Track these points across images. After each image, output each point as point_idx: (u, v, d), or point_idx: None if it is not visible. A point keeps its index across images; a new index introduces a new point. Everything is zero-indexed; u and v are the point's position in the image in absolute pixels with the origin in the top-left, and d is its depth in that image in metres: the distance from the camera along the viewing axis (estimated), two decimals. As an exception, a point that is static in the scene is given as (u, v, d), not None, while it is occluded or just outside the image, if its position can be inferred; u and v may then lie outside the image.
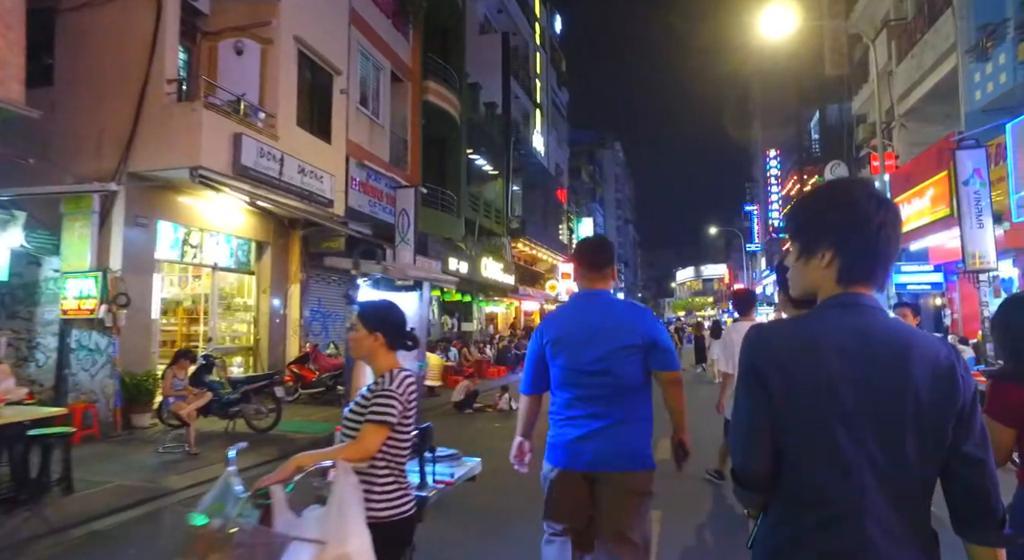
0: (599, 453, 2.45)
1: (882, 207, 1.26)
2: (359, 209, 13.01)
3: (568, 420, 2.53)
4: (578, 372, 2.50)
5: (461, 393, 11.18)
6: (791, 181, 35.45)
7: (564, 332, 2.57)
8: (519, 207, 26.11)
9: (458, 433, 9.68)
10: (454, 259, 17.18)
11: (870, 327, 1.22)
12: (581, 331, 2.52)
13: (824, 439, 1.19)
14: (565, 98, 39.35)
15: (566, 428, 2.53)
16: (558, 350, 2.54)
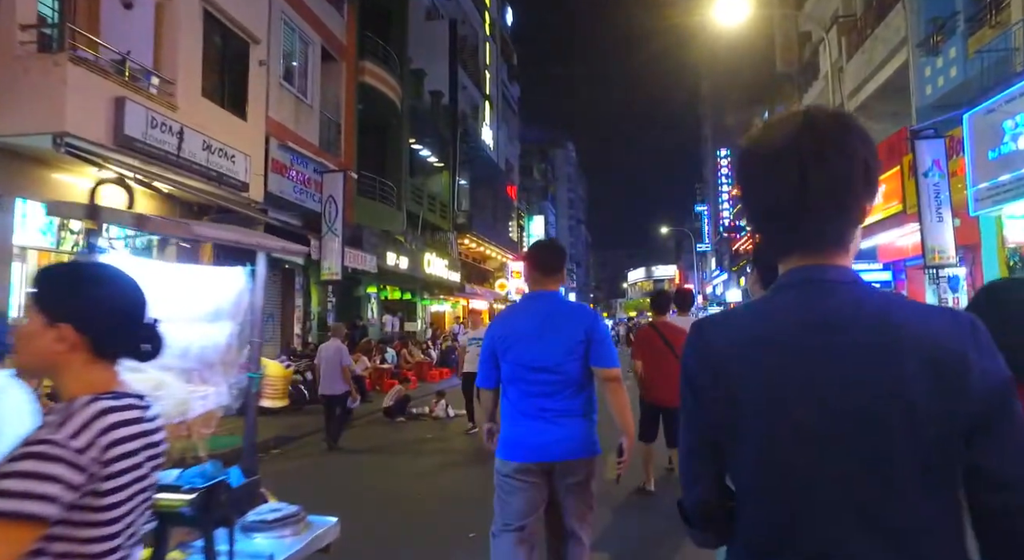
0: (554, 444, 2.53)
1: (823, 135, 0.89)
2: (282, 195, 11.75)
3: (520, 414, 2.61)
4: (526, 368, 2.59)
5: (391, 399, 10.11)
6: (740, 181, 35.71)
7: (513, 330, 2.68)
8: (466, 202, 25.09)
9: (379, 445, 8.64)
10: (392, 253, 16.04)
11: (836, 311, 0.88)
12: (529, 329, 2.62)
13: (780, 467, 0.89)
14: (516, 93, 38.53)
15: (519, 423, 2.61)
16: (507, 347, 2.64)
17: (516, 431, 2.62)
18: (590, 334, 2.58)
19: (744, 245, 36.54)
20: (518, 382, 2.62)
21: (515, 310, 2.97)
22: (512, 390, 2.65)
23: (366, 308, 17.18)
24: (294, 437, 8.57)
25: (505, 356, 2.64)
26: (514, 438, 2.62)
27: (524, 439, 2.59)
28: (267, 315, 13.50)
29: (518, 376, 2.62)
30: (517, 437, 2.61)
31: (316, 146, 13.09)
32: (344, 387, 7.89)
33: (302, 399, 10.45)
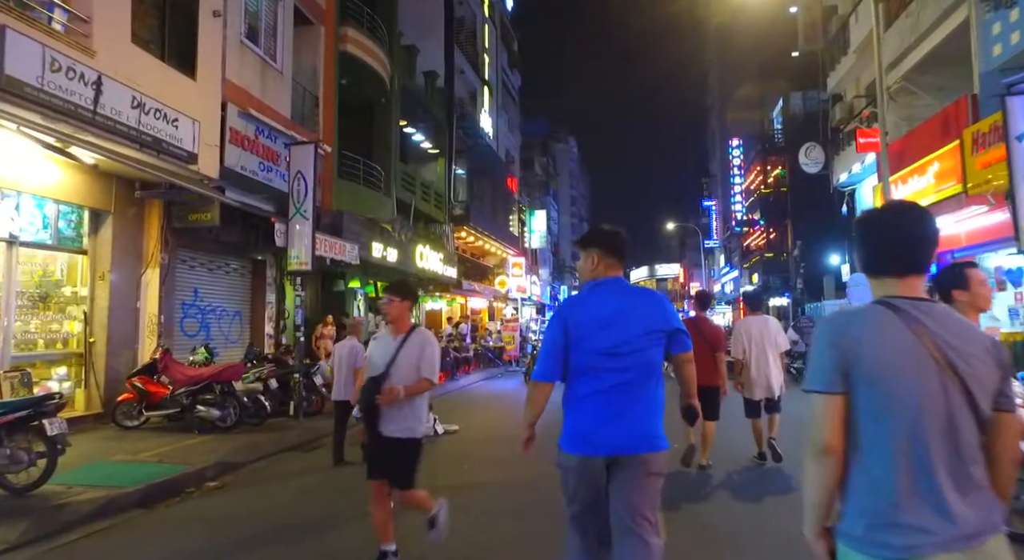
0: (622, 437, 2.51)
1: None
2: (244, 172, 10.07)
3: (590, 405, 2.56)
4: (605, 355, 2.52)
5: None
6: (754, 171, 33.97)
7: (591, 315, 2.58)
8: (463, 192, 23.40)
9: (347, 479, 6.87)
10: (379, 244, 14.34)
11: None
12: (609, 314, 2.55)
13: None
14: (517, 82, 36.83)
15: (587, 413, 2.57)
16: (584, 333, 2.55)
17: (582, 422, 2.58)
18: (671, 322, 2.63)
19: (757, 240, 34.81)
20: (594, 371, 2.54)
21: (590, 294, 2.71)
22: (583, 378, 2.57)
23: (351, 305, 15.50)
24: (241, 463, 6.88)
25: (581, 345, 2.55)
26: (581, 429, 2.58)
27: (591, 430, 2.54)
28: (232, 313, 11.83)
29: (594, 364, 2.54)
30: (584, 428, 2.57)
31: (287, 118, 11.40)
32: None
33: (262, 413, 8.76)
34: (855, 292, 18.38)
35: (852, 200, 19.01)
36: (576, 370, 2.58)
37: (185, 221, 9.47)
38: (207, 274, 11.13)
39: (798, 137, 27.35)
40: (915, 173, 13.09)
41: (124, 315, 8.89)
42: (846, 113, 18.10)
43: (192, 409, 8.09)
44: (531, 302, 35.80)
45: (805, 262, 29.62)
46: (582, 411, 2.58)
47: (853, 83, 17.99)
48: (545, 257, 45.84)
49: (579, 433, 2.57)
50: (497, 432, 8.90)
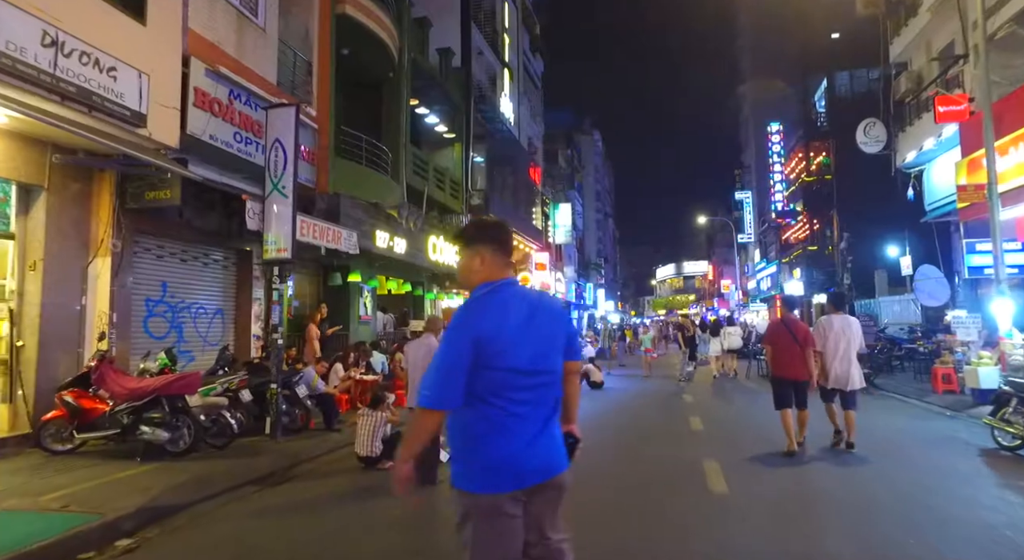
0: (546, 459, 2.20)
1: None
2: (213, 143, 8.46)
3: (509, 431, 2.14)
4: (523, 373, 2.16)
5: (373, 436, 6.56)
6: (795, 159, 31.60)
7: (504, 327, 2.15)
8: (482, 180, 21.67)
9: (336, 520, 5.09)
10: (384, 232, 12.67)
11: None
12: (522, 324, 2.19)
13: None
14: (540, 68, 34.99)
15: (507, 441, 2.13)
16: (499, 348, 2.12)
17: (499, 452, 2.13)
18: (568, 326, 2.41)
19: (797, 233, 32.44)
20: (507, 392, 2.14)
21: (497, 303, 2.21)
22: (495, 405, 2.13)
23: (356, 303, 13.87)
24: (179, 506, 5.22)
25: (494, 362, 2.11)
26: (507, 462, 2.13)
27: (524, 461, 2.14)
28: (212, 311, 10.27)
29: (510, 383, 2.14)
30: (510, 459, 2.13)
31: (272, 84, 9.78)
32: None
33: (227, 433, 7.13)
34: (924, 286, 16.14)
35: (919, 183, 16.80)
36: (485, 391, 2.13)
37: (141, 200, 7.88)
38: (180, 266, 9.57)
39: (845, 120, 25.03)
40: (1015, 143, 10.96)
41: (63, 313, 7.34)
42: (913, 83, 15.91)
43: (134, 430, 6.48)
44: (555, 300, 33.96)
45: (853, 256, 27.23)
46: (499, 439, 2.13)
47: (923, 48, 15.79)
48: (570, 253, 43.91)
49: (501, 465, 2.12)
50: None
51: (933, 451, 7.19)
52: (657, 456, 7.06)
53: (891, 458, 6.71)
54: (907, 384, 12.94)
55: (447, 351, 2.14)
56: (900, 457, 6.78)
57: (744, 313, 41.14)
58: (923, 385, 12.36)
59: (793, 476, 6.05)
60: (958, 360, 11.23)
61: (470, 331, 2.12)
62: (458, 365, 2.10)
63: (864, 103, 22.99)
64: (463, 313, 2.21)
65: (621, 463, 6.79)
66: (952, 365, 11.24)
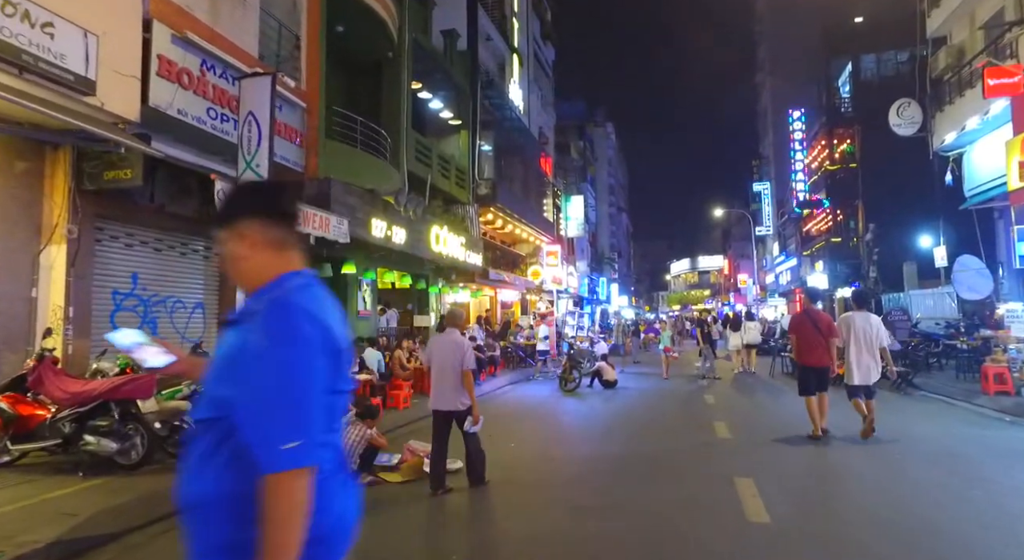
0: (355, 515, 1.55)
1: None
2: (182, 118, 7.61)
3: (336, 484, 1.46)
4: (345, 394, 1.52)
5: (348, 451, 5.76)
6: (817, 147, 30.29)
7: (341, 334, 1.49)
8: (489, 170, 20.75)
9: None
10: (381, 221, 11.79)
11: None
12: (342, 330, 1.53)
13: None
14: (551, 55, 33.94)
15: (337, 498, 1.45)
16: (342, 363, 1.48)
17: (337, 515, 1.46)
18: None
19: (820, 224, 31.15)
20: (335, 421, 1.50)
21: (324, 301, 1.50)
22: (325, 439, 1.40)
23: (354, 296, 13.05)
24: (113, 535, 4.38)
25: (339, 380, 1.45)
26: (338, 529, 1.46)
27: (347, 525, 1.50)
28: (191, 305, 9.47)
29: (336, 411, 1.50)
30: (340, 526, 1.47)
31: (253, 57, 8.91)
32: (467, 399, 5.47)
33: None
34: (964, 278, 14.95)
35: (958, 166, 15.61)
36: (320, 426, 1.43)
37: (99, 181, 7.06)
38: (152, 256, 8.75)
39: (872, 104, 23.76)
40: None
41: (9, 307, 6.55)
42: (954, 58, 14.71)
43: (77, 440, 5.66)
44: (567, 294, 33.00)
45: (879, 247, 25.95)
46: (331, 496, 1.42)
47: (966, 19, 14.58)
48: (582, 247, 42.88)
49: (333, 534, 1.43)
50: (520, 473, 6.22)
51: (1011, 466, 6.11)
52: (680, 472, 6.11)
53: (961, 475, 5.70)
54: (950, 384, 11.83)
55: (299, 377, 1.35)
56: (973, 475, 5.75)
57: (762, 308, 39.89)
58: (969, 385, 11.26)
59: (846, 499, 5.08)
60: (1012, 358, 10.13)
61: (325, 336, 1.41)
62: (316, 390, 1.37)
63: (893, 86, 21.70)
64: (297, 317, 1.39)
65: (638, 481, 5.86)
66: (1006, 364, 10.14)
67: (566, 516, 4.82)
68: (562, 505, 5.11)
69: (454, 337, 5.61)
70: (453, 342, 5.54)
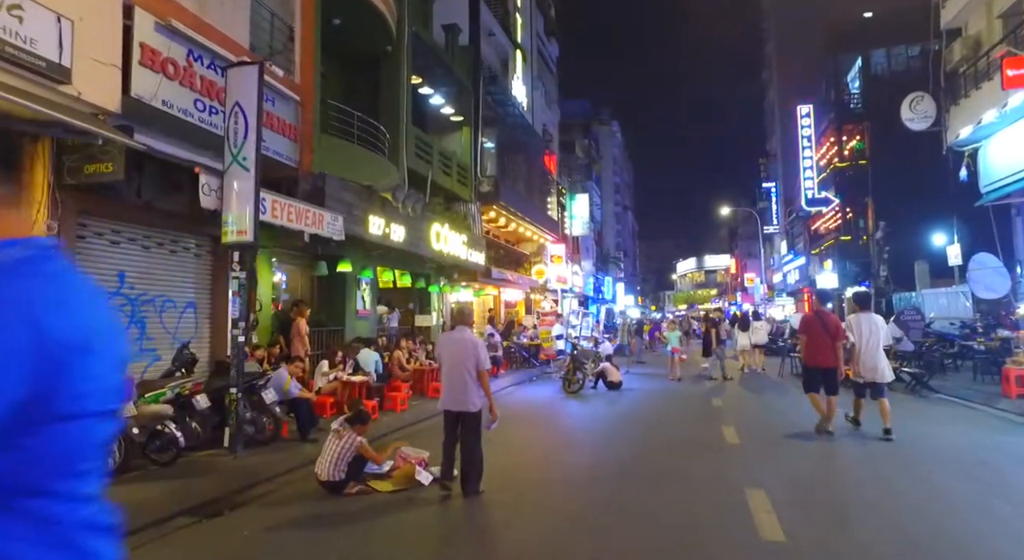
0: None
1: None
2: (168, 110, 7.32)
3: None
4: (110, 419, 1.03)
5: (336, 458, 5.38)
6: (826, 144, 29.81)
7: (94, 330, 0.99)
8: (492, 167, 20.43)
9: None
10: (378, 218, 11.49)
11: None
12: (108, 327, 1.04)
13: None
14: (555, 52, 33.60)
15: None
16: (86, 374, 0.96)
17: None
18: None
19: (829, 222, 30.66)
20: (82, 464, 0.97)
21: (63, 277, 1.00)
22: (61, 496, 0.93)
23: (353, 295, 12.76)
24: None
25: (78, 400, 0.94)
26: None
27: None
28: (182, 304, 9.19)
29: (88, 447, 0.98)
30: None
31: (244, 48, 8.61)
32: (482, 398, 5.30)
33: (173, 448, 6.01)
34: (980, 276, 14.49)
35: (974, 162, 15.15)
36: (39, 476, 0.92)
37: (80, 175, 6.77)
38: (141, 253, 8.46)
39: (882, 100, 23.32)
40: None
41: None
42: (970, 49, 14.28)
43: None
44: (572, 294, 32.65)
45: (890, 245, 25.48)
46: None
47: (982, 9, 14.15)
48: (587, 246, 42.51)
49: None
50: (517, 482, 5.88)
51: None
52: (687, 482, 5.75)
53: (989, 485, 5.33)
54: (968, 386, 11.42)
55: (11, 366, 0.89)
56: (1001, 486, 5.37)
57: (770, 308, 39.43)
58: (988, 388, 10.86)
59: (867, 514, 4.73)
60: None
61: (29, 327, 0.90)
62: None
63: (904, 81, 21.28)
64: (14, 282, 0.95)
65: (641, 492, 5.51)
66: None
67: (563, 531, 4.49)
68: (559, 518, 4.77)
69: (466, 335, 5.44)
70: (466, 341, 5.36)
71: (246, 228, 6.78)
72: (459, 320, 5.77)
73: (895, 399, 10.99)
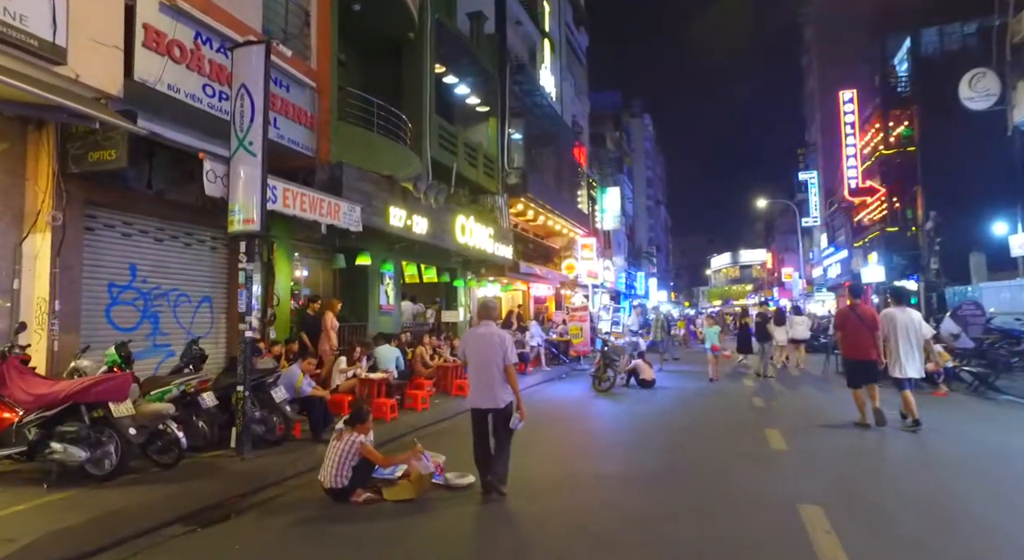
0: None
1: None
2: (174, 94, 7.00)
3: None
4: None
5: (338, 462, 4.96)
6: (870, 131, 28.37)
7: None
8: (520, 159, 19.88)
9: None
10: (399, 209, 11.07)
11: None
12: None
13: None
14: (584, 42, 32.79)
15: None
16: None
17: None
18: None
19: (873, 213, 29.23)
20: None
21: None
22: None
23: (375, 289, 12.38)
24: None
25: None
26: None
27: None
28: (197, 299, 8.92)
29: None
30: None
31: (256, 31, 8.26)
32: (510, 393, 5.11)
33: (175, 449, 5.68)
34: (1047, 268, 13.47)
35: (1042, 143, 14.00)
36: None
37: (84, 163, 6.49)
38: (153, 246, 8.20)
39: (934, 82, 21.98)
40: None
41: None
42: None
43: (43, 447, 5.06)
44: (604, 289, 31.90)
45: (941, 236, 24.05)
46: None
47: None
48: (619, 241, 41.63)
49: None
50: (540, 492, 5.36)
51: None
52: (730, 496, 5.11)
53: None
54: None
55: None
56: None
57: (809, 303, 37.97)
58: (1062, 388, 9.88)
59: (944, 538, 4.06)
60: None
61: None
62: None
63: (958, 60, 19.95)
64: None
65: (678, 507, 4.92)
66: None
67: (590, 553, 3.95)
68: (586, 537, 4.23)
69: (492, 330, 5.30)
70: (492, 335, 5.22)
71: (253, 216, 6.40)
72: (484, 315, 5.57)
73: (957, 400, 10.14)
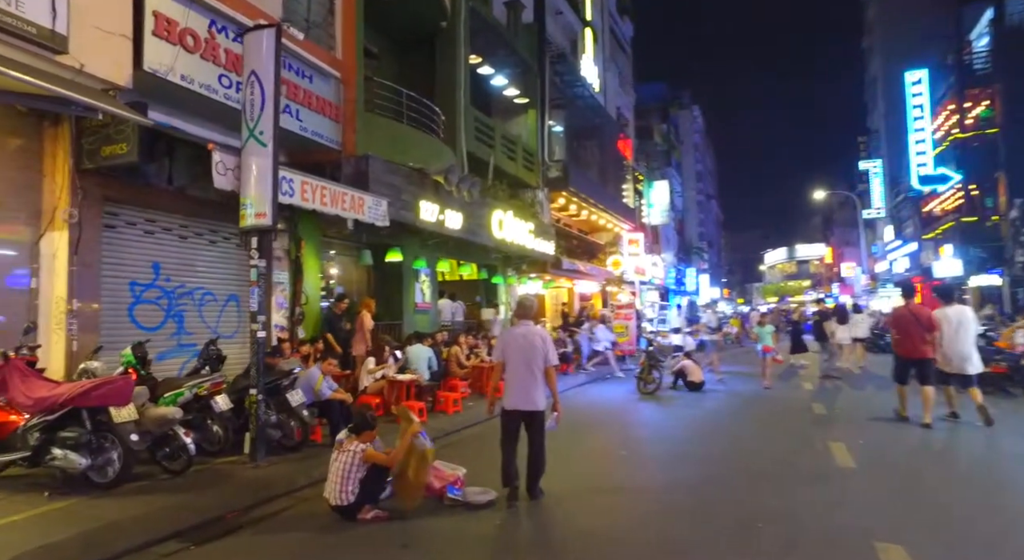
0: None
1: None
2: (188, 85, 6.75)
3: None
4: None
5: (343, 477, 4.53)
6: (943, 113, 26.34)
7: None
8: (561, 151, 19.24)
9: None
10: (432, 203, 10.65)
11: None
12: None
13: None
14: (629, 31, 31.80)
15: None
16: None
17: None
18: None
19: (947, 202, 27.15)
20: None
21: None
22: None
23: (410, 286, 12.03)
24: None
25: None
26: None
27: None
28: (223, 298, 8.73)
29: None
30: None
31: (276, 19, 7.97)
32: (548, 396, 4.99)
33: (182, 455, 5.39)
34: None
35: None
36: None
37: (98, 158, 6.30)
38: (177, 243, 8.02)
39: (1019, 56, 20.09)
40: None
41: (5, 299, 5.90)
42: None
43: (44, 452, 4.83)
44: (652, 286, 30.87)
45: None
46: None
47: None
48: (668, 236, 40.36)
49: None
50: (572, 513, 4.79)
51: None
52: (792, 527, 4.35)
53: None
54: None
55: None
56: None
57: (872, 299, 35.81)
58: None
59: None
60: None
61: None
62: None
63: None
64: None
65: (730, 543, 4.26)
66: None
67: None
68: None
69: (531, 329, 5.13)
70: (533, 334, 5.05)
71: (265, 210, 6.06)
72: (521, 314, 5.33)
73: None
